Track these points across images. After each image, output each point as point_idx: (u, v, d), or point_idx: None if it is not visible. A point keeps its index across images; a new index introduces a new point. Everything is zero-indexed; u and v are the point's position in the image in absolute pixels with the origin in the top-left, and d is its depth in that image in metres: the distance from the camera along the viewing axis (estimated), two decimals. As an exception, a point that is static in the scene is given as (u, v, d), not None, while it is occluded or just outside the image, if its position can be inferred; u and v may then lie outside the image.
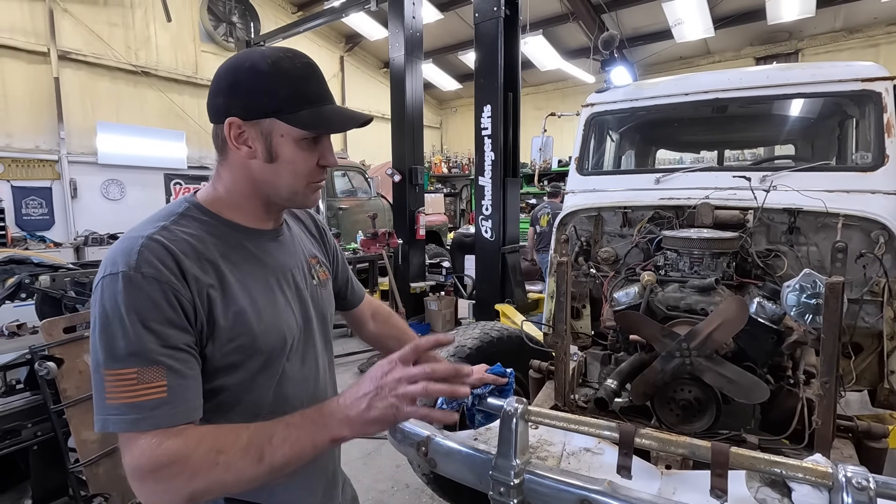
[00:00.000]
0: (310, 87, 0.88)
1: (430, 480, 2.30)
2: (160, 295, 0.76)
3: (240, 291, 0.86)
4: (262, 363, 0.88)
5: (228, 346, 0.83)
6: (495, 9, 4.66)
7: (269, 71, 0.84)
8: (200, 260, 0.82)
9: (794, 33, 9.59)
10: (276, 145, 0.87)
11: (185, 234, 0.84)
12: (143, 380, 0.73)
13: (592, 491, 1.19)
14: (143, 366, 0.74)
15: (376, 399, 0.76)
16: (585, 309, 2.50)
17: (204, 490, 0.73)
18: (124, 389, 0.73)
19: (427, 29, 6.91)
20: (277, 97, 0.85)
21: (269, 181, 0.90)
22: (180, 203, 0.91)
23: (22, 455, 2.34)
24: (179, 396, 0.76)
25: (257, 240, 0.95)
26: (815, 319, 1.47)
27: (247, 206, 0.93)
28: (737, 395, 1.56)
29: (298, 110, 0.85)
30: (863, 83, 2.26)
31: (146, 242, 0.78)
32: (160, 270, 0.76)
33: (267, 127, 0.86)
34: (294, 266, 1.01)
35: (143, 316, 0.74)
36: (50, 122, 7.83)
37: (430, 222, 7.78)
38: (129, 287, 0.75)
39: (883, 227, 1.91)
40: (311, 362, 1.01)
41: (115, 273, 0.76)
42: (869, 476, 0.96)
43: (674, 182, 2.52)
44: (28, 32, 7.54)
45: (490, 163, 4.87)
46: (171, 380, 0.75)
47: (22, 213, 7.59)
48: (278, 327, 0.91)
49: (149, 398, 0.73)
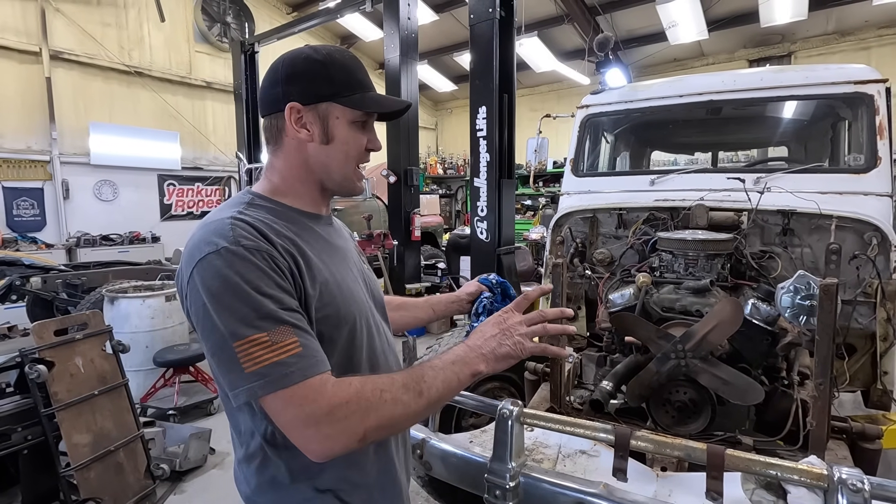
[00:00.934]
0: (360, 75, 0.96)
1: (426, 483, 2.29)
2: (265, 263, 0.79)
3: (321, 264, 0.90)
4: (347, 335, 0.91)
5: (319, 313, 0.86)
6: (490, 10, 4.67)
7: (324, 61, 0.92)
8: (281, 237, 0.86)
9: (787, 36, 9.66)
10: (332, 127, 0.93)
11: (260, 215, 0.87)
12: (277, 340, 0.75)
13: (588, 493, 1.19)
14: (273, 327, 0.76)
15: (505, 338, 0.90)
16: (581, 310, 2.50)
17: (377, 426, 0.77)
18: (261, 353, 0.74)
19: (422, 30, 6.91)
20: (333, 82, 0.92)
21: (324, 163, 0.95)
22: (244, 195, 0.96)
23: (12, 459, 2.31)
24: (312, 349, 0.78)
25: (319, 223, 0.99)
26: (810, 321, 1.48)
27: (303, 191, 0.97)
28: (732, 397, 1.56)
29: (352, 94, 0.93)
30: (855, 85, 2.28)
31: (234, 222, 0.82)
32: (258, 241, 0.80)
33: (324, 110, 0.92)
34: (350, 249, 1.07)
35: (255, 284, 0.77)
36: (42, 122, 7.75)
37: (426, 223, 7.77)
38: (236, 259, 0.77)
39: (876, 228, 1.92)
40: (384, 336, 1.05)
41: (215, 251, 0.78)
42: (864, 478, 0.96)
43: (668, 183, 2.53)
44: (19, 32, 7.47)
45: (485, 164, 4.87)
46: (300, 336, 0.78)
47: (13, 214, 7.51)
48: (357, 299, 0.95)
49: (288, 355, 0.75)
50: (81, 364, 2.47)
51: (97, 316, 2.70)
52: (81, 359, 2.48)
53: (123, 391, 2.64)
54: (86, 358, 2.50)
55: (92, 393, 2.45)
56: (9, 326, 3.45)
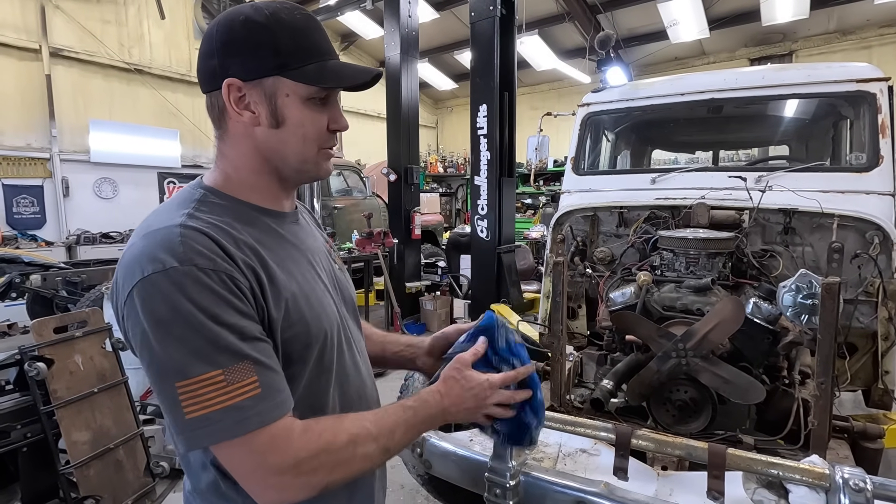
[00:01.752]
0: (314, 39, 0.78)
1: (425, 482, 2.28)
2: (223, 286, 0.68)
3: (285, 277, 0.78)
4: (318, 354, 0.81)
5: (285, 334, 0.76)
6: (491, 8, 4.66)
7: (266, 23, 0.75)
8: (240, 245, 0.74)
9: (789, 35, 9.65)
10: (281, 107, 0.77)
11: (213, 218, 0.74)
12: (233, 380, 0.66)
13: (589, 493, 1.19)
14: (230, 364, 0.66)
15: (480, 405, 0.90)
16: (581, 309, 2.49)
17: (340, 480, 0.73)
18: (213, 395, 0.65)
19: (423, 28, 6.89)
20: (280, 51, 0.75)
21: (277, 150, 0.80)
22: (192, 189, 0.81)
23: (11, 457, 2.31)
24: (273, 388, 0.70)
25: (282, 222, 0.86)
26: (811, 320, 1.47)
27: (260, 183, 0.83)
28: (733, 396, 1.55)
29: (304, 65, 0.76)
30: (857, 84, 2.27)
31: (184, 232, 0.69)
32: (214, 259, 0.68)
33: (270, 86, 0.76)
34: (319, 250, 0.94)
35: (212, 312, 0.66)
36: (41, 119, 7.74)
37: (426, 222, 7.75)
38: (188, 283, 0.66)
39: (877, 227, 1.91)
40: (354, 351, 0.94)
41: (161, 271, 0.66)
42: (866, 477, 0.96)
43: (670, 182, 2.53)
44: (19, 29, 7.46)
45: (486, 162, 4.86)
46: (260, 374, 0.68)
47: (13, 212, 7.51)
48: (326, 313, 0.84)
49: (244, 397, 0.66)
50: (81, 362, 2.47)
51: (97, 313, 2.69)
52: (81, 356, 2.48)
53: (123, 389, 2.63)
54: (85, 355, 2.50)
55: (91, 391, 2.45)
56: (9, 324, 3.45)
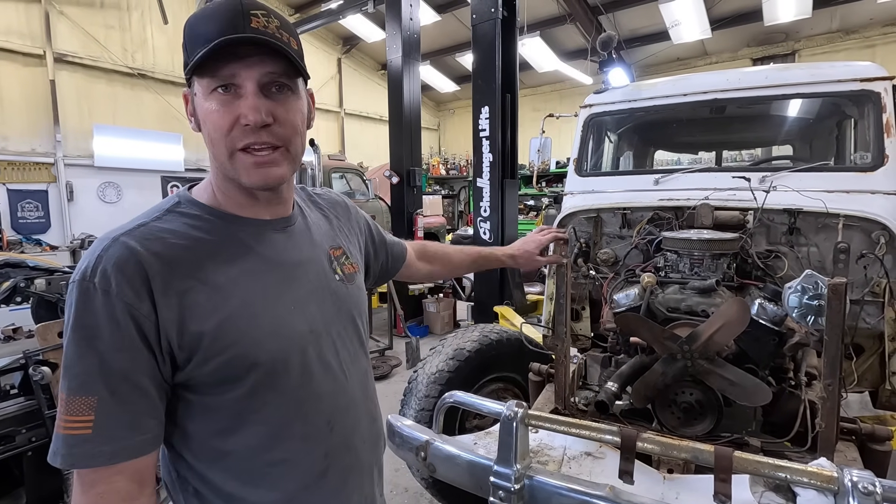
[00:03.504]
0: (211, 25, 0.71)
1: (430, 485, 2.28)
2: (108, 311, 0.68)
3: (229, 294, 0.76)
4: (265, 377, 0.77)
5: (217, 359, 0.73)
6: (493, 10, 4.66)
7: (190, 21, 0.74)
8: (177, 261, 0.73)
9: (791, 34, 9.62)
10: (198, 108, 0.76)
11: (165, 231, 0.75)
12: (70, 410, 0.67)
13: (594, 496, 1.18)
14: (74, 394, 0.67)
15: None
16: (585, 311, 2.48)
17: None
18: (60, 414, 0.68)
19: (424, 31, 6.91)
20: (185, 49, 0.73)
21: (211, 154, 0.78)
22: (172, 198, 0.82)
23: (16, 461, 2.31)
24: (107, 434, 0.67)
25: (256, 231, 0.83)
26: (818, 321, 1.46)
27: (228, 190, 0.81)
28: (739, 398, 1.54)
29: (196, 55, 0.70)
30: (862, 83, 2.25)
31: (108, 246, 0.71)
32: (112, 281, 0.68)
33: (194, 89, 0.75)
34: (309, 260, 0.88)
35: (88, 334, 0.67)
36: (46, 124, 7.79)
37: (429, 224, 7.76)
38: (81, 300, 0.68)
39: (883, 227, 1.90)
40: (338, 373, 0.88)
41: (73, 282, 0.70)
42: (875, 480, 0.95)
43: (673, 183, 2.51)
44: (24, 35, 7.51)
45: (488, 164, 4.86)
46: (99, 414, 0.67)
47: (18, 217, 7.56)
48: (281, 334, 0.80)
49: (73, 432, 0.67)
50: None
51: (101, 317, 2.70)
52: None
53: (127, 393, 2.64)
54: (89, 360, 2.50)
55: (96, 395, 2.45)
56: (13, 328, 3.45)
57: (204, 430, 0.78)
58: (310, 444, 0.85)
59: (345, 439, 0.90)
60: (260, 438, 0.79)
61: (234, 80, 0.73)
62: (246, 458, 0.79)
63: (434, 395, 2.19)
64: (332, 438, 0.87)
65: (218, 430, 0.78)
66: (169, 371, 0.73)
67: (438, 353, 2.39)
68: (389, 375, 4.61)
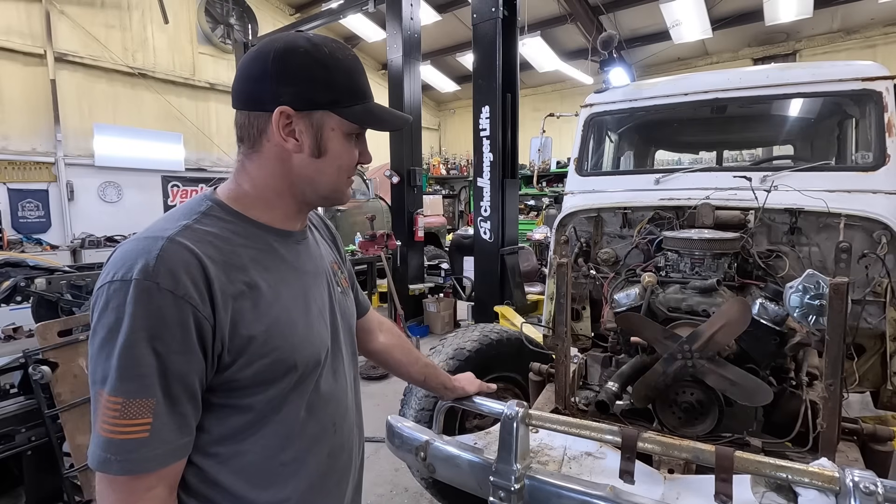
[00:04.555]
0: (362, 82, 0.85)
1: (430, 485, 2.28)
2: (174, 312, 0.67)
3: (273, 300, 0.79)
4: (297, 379, 0.82)
5: (262, 361, 0.76)
6: (493, 10, 4.66)
7: (325, 62, 0.79)
8: (228, 265, 0.75)
9: (792, 34, 9.61)
10: (325, 139, 0.82)
11: (210, 234, 0.76)
12: (129, 413, 0.66)
13: (595, 496, 1.17)
14: (131, 396, 0.66)
15: None
16: (585, 311, 2.48)
17: None
18: (110, 419, 0.66)
19: (425, 30, 6.90)
20: (334, 88, 0.80)
21: (311, 177, 0.83)
22: (201, 201, 0.82)
23: (16, 460, 2.31)
24: (161, 438, 0.68)
25: (286, 242, 0.87)
26: (819, 321, 1.45)
27: (278, 204, 0.85)
28: (740, 398, 1.54)
29: (354, 104, 0.82)
30: (863, 82, 2.25)
31: (167, 245, 0.70)
32: (179, 282, 0.68)
33: (318, 120, 0.80)
34: (321, 272, 0.94)
35: (150, 334, 0.66)
36: (46, 124, 7.79)
37: (429, 224, 7.75)
38: (142, 298, 0.66)
39: (885, 227, 1.89)
40: (342, 378, 0.95)
41: (127, 279, 0.67)
42: (877, 480, 0.94)
43: (674, 182, 2.51)
44: (24, 34, 7.51)
45: (489, 164, 4.85)
46: (157, 417, 0.67)
47: (18, 216, 7.55)
48: (313, 340, 0.85)
49: (130, 436, 0.66)
50: (85, 365, 2.47)
51: (101, 317, 2.70)
52: (85, 360, 2.48)
53: (127, 392, 2.63)
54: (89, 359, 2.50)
55: (95, 394, 2.45)
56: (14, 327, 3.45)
57: (222, 432, 0.78)
58: (317, 445, 0.88)
59: (343, 441, 0.95)
60: (276, 439, 0.82)
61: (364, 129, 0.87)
62: (260, 458, 0.81)
63: (433, 395, 2.19)
64: (335, 439, 0.92)
65: (238, 430, 0.79)
66: (211, 374, 0.74)
67: (438, 352, 2.39)
68: (389, 376, 4.61)
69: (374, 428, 3.59)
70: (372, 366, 4.63)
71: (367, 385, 4.35)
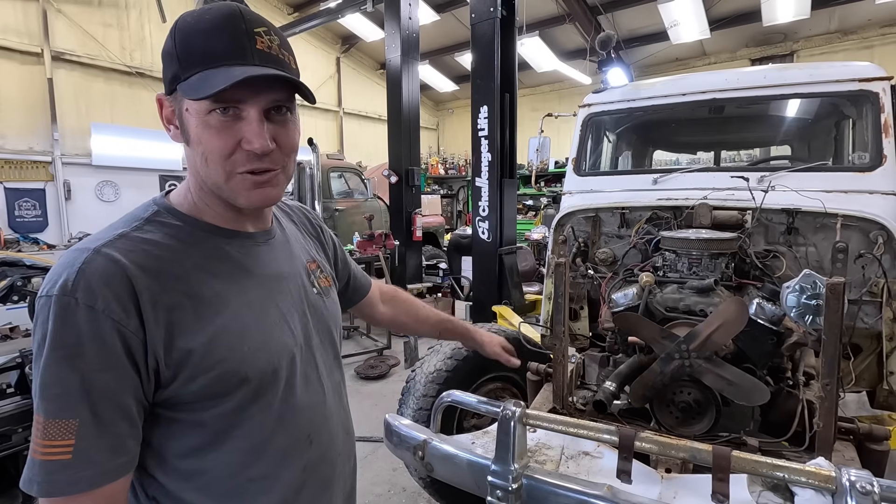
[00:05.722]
0: (213, 43, 0.68)
1: (427, 484, 2.28)
2: (94, 328, 0.64)
3: (218, 308, 0.74)
4: (253, 392, 0.76)
5: (207, 375, 0.71)
6: (492, 10, 4.66)
7: (182, 30, 0.69)
8: (163, 274, 0.70)
9: (790, 35, 9.64)
10: (185, 122, 0.71)
11: (147, 243, 0.71)
12: (49, 434, 0.63)
13: (592, 495, 1.18)
14: (52, 417, 0.63)
15: None
16: (583, 310, 2.48)
17: None
18: (35, 438, 0.64)
19: (423, 30, 6.90)
20: (178, 60, 0.69)
21: (195, 169, 0.74)
22: (148, 206, 0.77)
23: (13, 460, 2.30)
24: (88, 459, 0.64)
25: (241, 244, 0.81)
26: (816, 320, 1.46)
27: (210, 202, 0.78)
28: (737, 398, 1.54)
29: (189, 75, 0.68)
30: (860, 83, 2.26)
31: (90, 258, 0.66)
32: (98, 297, 0.64)
33: (178, 101, 0.71)
34: (290, 273, 0.88)
35: (69, 352, 0.63)
36: (43, 123, 7.77)
37: (427, 224, 7.75)
38: (61, 315, 0.63)
39: (881, 227, 1.90)
40: (317, 386, 0.88)
41: (49, 295, 0.64)
42: (873, 480, 0.95)
43: (671, 182, 2.51)
44: (21, 33, 7.49)
45: (487, 164, 4.86)
46: (80, 438, 0.63)
47: (15, 215, 7.54)
48: (270, 348, 0.79)
49: (51, 458, 0.63)
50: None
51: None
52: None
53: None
54: (86, 358, 2.49)
55: (92, 394, 2.44)
56: (10, 327, 3.44)
57: (180, 448, 0.75)
58: (289, 459, 0.83)
59: (322, 453, 0.89)
60: (240, 454, 0.77)
61: (237, 104, 0.70)
62: (224, 475, 0.77)
63: (432, 394, 2.19)
64: (311, 452, 0.86)
65: (196, 447, 0.75)
66: (151, 389, 0.70)
67: (436, 352, 2.39)
68: (387, 375, 4.61)
69: (372, 427, 3.60)
70: (370, 366, 4.63)
71: (364, 385, 4.35)
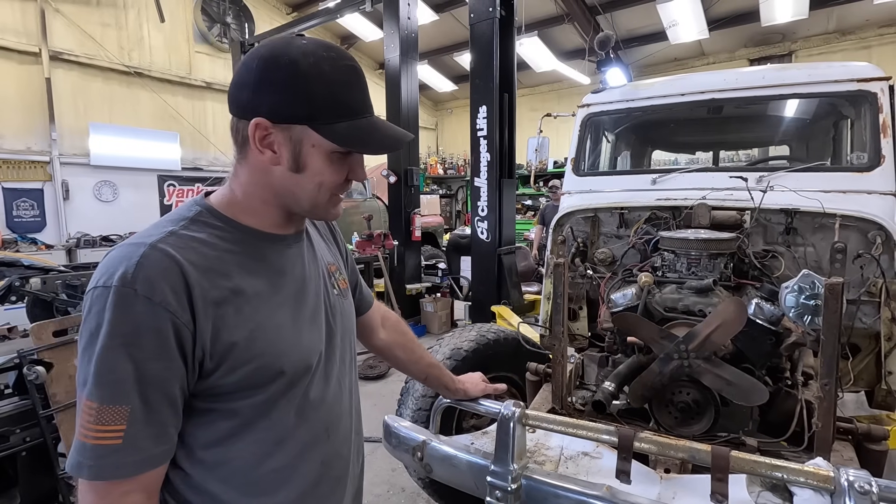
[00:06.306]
0: (351, 96, 0.78)
1: (426, 485, 2.28)
2: (151, 319, 0.68)
3: (259, 305, 0.79)
4: (285, 385, 0.81)
5: (246, 367, 0.76)
6: (490, 9, 4.66)
7: (307, 73, 0.74)
8: (211, 271, 0.74)
9: (788, 35, 9.65)
10: (304, 155, 0.78)
11: (195, 241, 0.76)
12: (103, 419, 0.66)
13: (591, 496, 1.18)
14: (105, 402, 0.66)
15: None
16: (582, 310, 2.48)
17: None
18: (87, 424, 0.67)
19: (422, 30, 6.90)
20: (313, 103, 0.75)
21: (291, 191, 0.81)
22: (191, 206, 0.82)
23: (10, 461, 2.30)
24: (136, 445, 0.68)
25: (277, 246, 0.86)
26: (814, 321, 1.46)
27: (265, 212, 0.84)
28: (736, 398, 1.54)
29: (335, 122, 0.76)
30: (858, 83, 2.26)
31: (148, 252, 0.70)
32: (157, 289, 0.68)
33: (297, 134, 0.76)
34: (316, 275, 0.93)
35: (126, 341, 0.67)
36: (41, 122, 7.75)
37: (426, 224, 7.75)
38: (120, 305, 0.67)
39: (880, 227, 1.90)
40: (335, 384, 0.93)
41: (107, 286, 0.68)
42: (871, 480, 0.95)
43: (670, 183, 2.52)
44: (19, 32, 7.47)
45: (486, 164, 4.86)
46: (132, 424, 0.68)
47: (13, 215, 7.51)
48: (302, 345, 0.84)
49: (102, 442, 0.67)
50: (80, 365, 2.46)
51: (96, 317, 2.68)
52: (80, 360, 2.47)
53: (123, 392, 2.62)
54: (85, 359, 2.49)
55: (91, 394, 2.43)
56: (8, 327, 3.43)
57: (208, 438, 0.78)
58: (309, 452, 0.87)
59: (338, 448, 0.93)
60: (264, 445, 0.81)
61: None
62: (248, 465, 0.80)
63: (431, 395, 2.19)
64: (328, 447, 0.90)
65: (223, 436, 0.78)
66: (194, 380, 0.74)
67: (436, 352, 2.39)
68: (387, 375, 4.61)
69: (371, 428, 3.59)
70: (369, 366, 4.63)
71: (364, 385, 4.35)
